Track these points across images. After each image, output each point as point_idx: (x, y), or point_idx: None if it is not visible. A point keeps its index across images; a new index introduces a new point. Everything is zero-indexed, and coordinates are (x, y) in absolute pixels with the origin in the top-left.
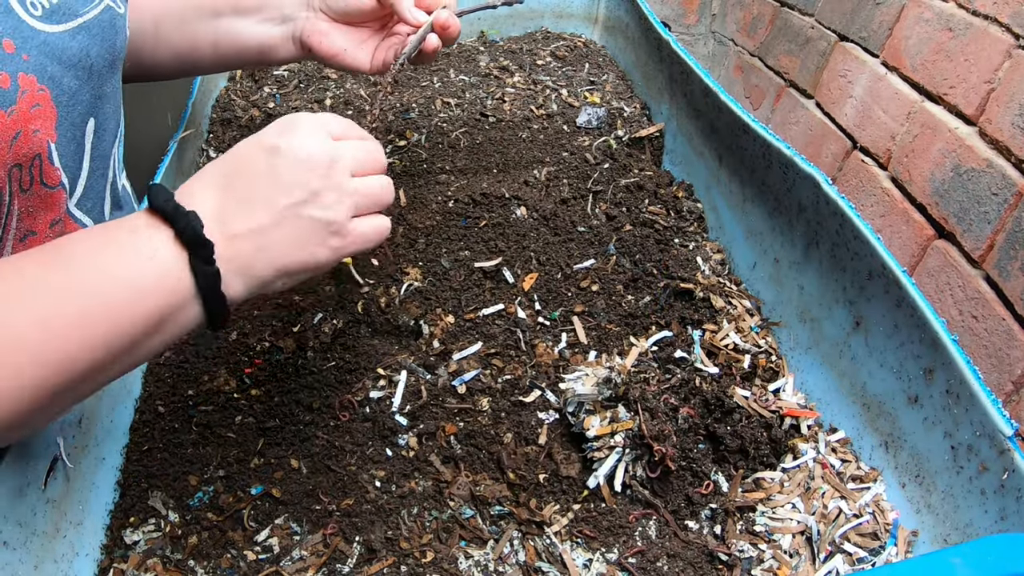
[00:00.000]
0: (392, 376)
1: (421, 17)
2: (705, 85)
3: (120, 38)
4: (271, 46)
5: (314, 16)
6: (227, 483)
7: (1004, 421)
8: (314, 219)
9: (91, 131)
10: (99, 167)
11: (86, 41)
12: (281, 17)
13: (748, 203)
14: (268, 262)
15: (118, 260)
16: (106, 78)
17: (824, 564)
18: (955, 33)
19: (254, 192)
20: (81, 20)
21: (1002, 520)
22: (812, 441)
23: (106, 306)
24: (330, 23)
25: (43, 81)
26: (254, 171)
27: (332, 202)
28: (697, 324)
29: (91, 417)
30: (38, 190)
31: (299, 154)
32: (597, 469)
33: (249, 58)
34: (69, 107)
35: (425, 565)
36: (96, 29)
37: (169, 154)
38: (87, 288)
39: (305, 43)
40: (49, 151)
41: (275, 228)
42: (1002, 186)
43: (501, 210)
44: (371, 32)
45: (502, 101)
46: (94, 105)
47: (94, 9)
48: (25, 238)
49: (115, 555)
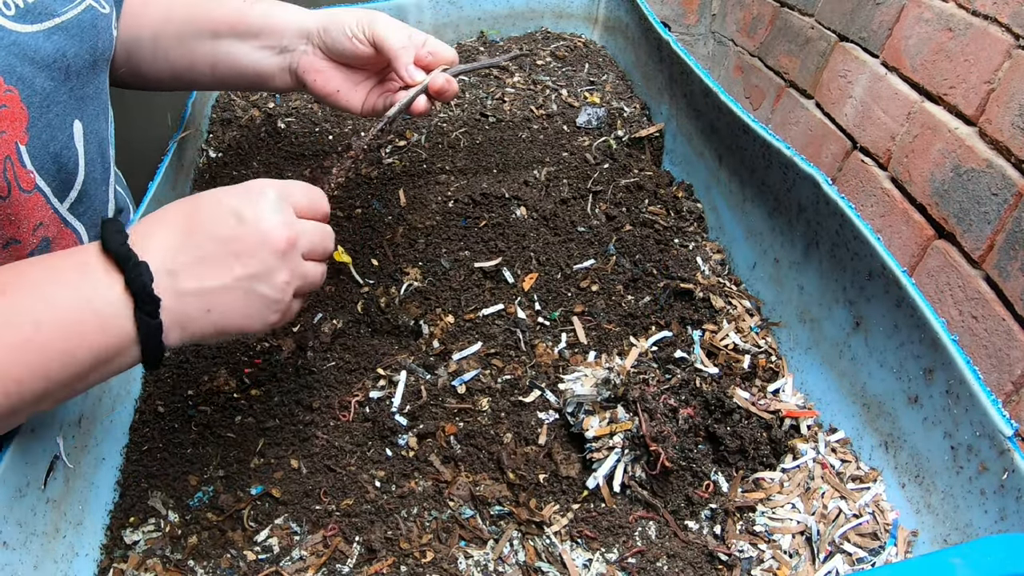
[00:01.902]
0: (392, 376)
1: (418, 77)
2: (705, 85)
3: (103, 39)
4: (268, 74)
5: (312, 52)
6: (227, 483)
7: (1004, 421)
8: (262, 295)
9: (80, 133)
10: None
11: (63, 41)
12: (280, 47)
13: (748, 203)
14: (210, 322)
15: (65, 296)
16: (88, 79)
17: (824, 564)
18: (955, 33)
19: (211, 254)
20: (58, 20)
21: (1002, 520)
22: (812, 441)
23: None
24: (328, 62)
25: (11, 82)
26: (215, 233)
27: (281, 283)
28: (697, 324)
29: (91, 417)
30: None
31: (261, 228)
32: (597, 469)
33: (247, 83)
34: (43, 108)
35: (425, 565)
36: (75, 29)
37: (169, 154)
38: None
39: (301, 78)
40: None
41: (224, 293)
42: (1002, 186)
43: (501, 210)
44: (367, 75)
45: (502, 101)
46: (76, 107)
47: (74, 9)
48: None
49: (115, 555)
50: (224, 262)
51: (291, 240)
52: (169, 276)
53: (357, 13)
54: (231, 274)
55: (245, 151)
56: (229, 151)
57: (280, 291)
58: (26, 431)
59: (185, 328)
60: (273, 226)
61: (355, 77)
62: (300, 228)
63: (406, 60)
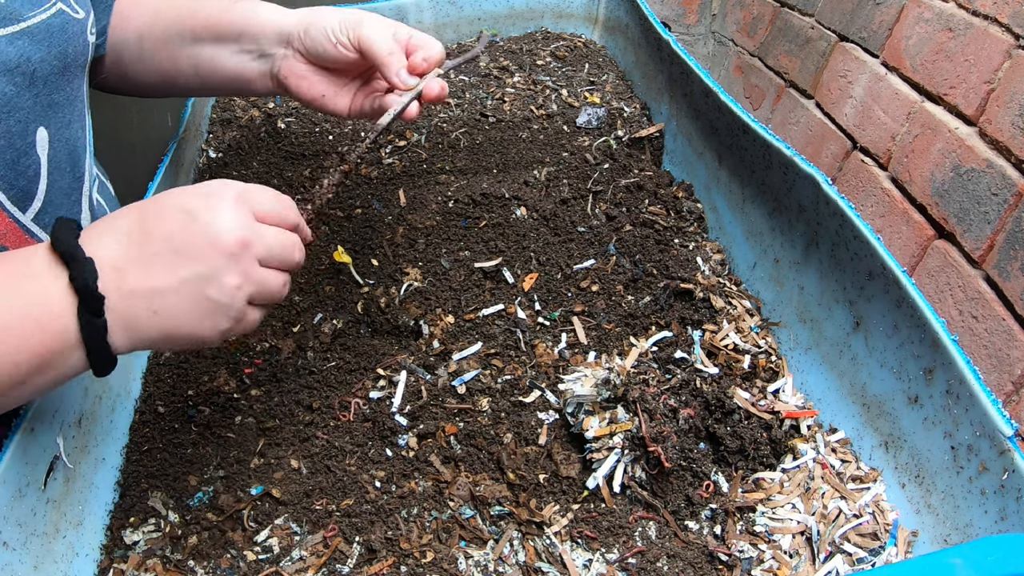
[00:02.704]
0: (392, 376)
1: (410, 82)
2: (705, 85)
3: (74, 44)
4: (249, 79)
5: (292, 56)
6: (227, 483)
7: (1004, 421)
8: (210, 298)
9: (44, 141)
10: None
11: (27, 47)
12: (258, 51)
13: (748, 203)
14: (156, 325)
15: (8, 293)
16: (56, 85)
17: (824, 564)
18: (955, 33)
19: (159, 253)
20: (24, 25)
21: (1002, 520)
22: (812, 441)
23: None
24: (309, 66)
25: None
26: (166, 230)
27: (230, 287)
28: (697, 324)
29: (91, 417)
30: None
31: (212, 228)
32: (597, 470)
33: (230, 87)
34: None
35: (425, 565)
36: (42, 35)
37: (169, 154)
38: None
39: (284, 84)
40: None
41: (171, 294)
42: (1002, 186)
43: (501, 210)
44: (353, 77)
45: (502, 101)
46: (42, 114)
47: (42, 14)
48: None
49: (115, 555)
50: (171, 261)
51: (242, 242)
52: (116, 273)
53: (340, 14)
54: (177, 275)
55: (245, 151)
56: (229, 151)
57: (229, 295)
58: (26, 431)
59: (130, 330)
60: (224, 227)
61: (340, 80)
62: (257, 232)
63: (397, 66)
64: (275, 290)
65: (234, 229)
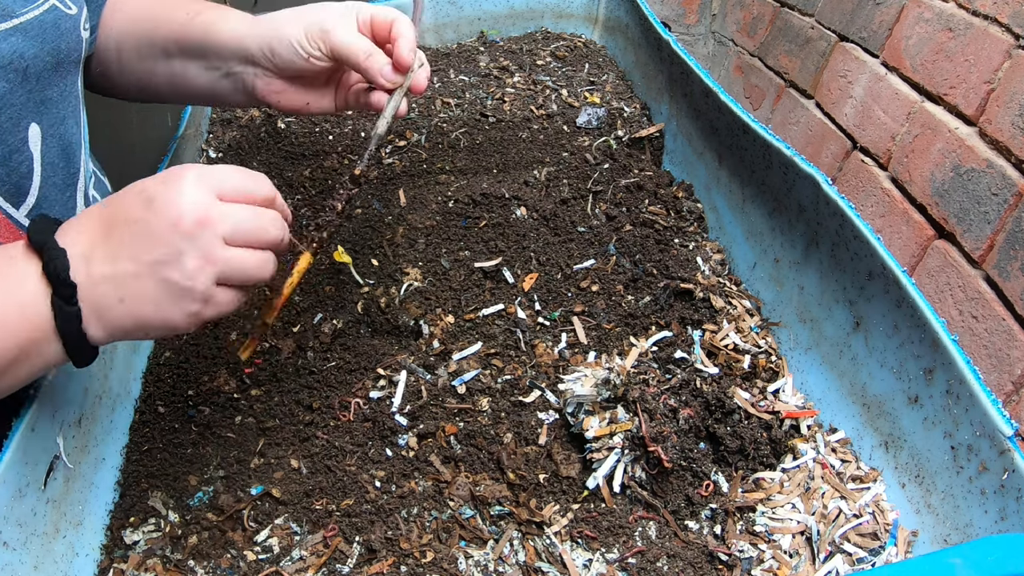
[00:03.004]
0: (392, 376)
1: (395, 79)
2: (705, 85)
3: (67, 40)
4: (222, 94)
5: (262, 73)
6: (227, 483)
7: (1004, 421)
8: (171, 282)
9: (36, 137)
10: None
11: (20, 43)
12: (225, 70)
13: (748, 203)
14: (126, 312)
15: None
16: (49, 81)
17: (824, 564)
18: (955, 33)
19: (123, 240)
20: (17, 21)
21: (1002, 520)
22: (812, 441)
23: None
24: (284, 81)
25: None
26: (128, 217)
27: (193, 269)
28: (697, 324)
29: (91, 417)
30: None
31: (169, 210)
32: (597, 470)
33: (206, 100)
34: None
35: (425, 565)
36: (35, 31)
37: (169, 154)
38: None
39: (262, 100)
40: None
41: (135, 280)
42: (1002, 186)
43: (501, 210)
44: (326, 79)
45: (502, 101)
46: (35, 109)
47: (35, 10)
48: None
49: (115, 555)
50: (133, 246)
51: (201, 220)
52: (84, 261)
53: (302, 22)
54: (140, 260)
55: (245, 151)
56: (229, 151)
57: (190, 277)
58: (26, 431)
59: (103, 319)
60: (182, 207)
61: (315, 84)
62: (218, 211)
63: (378, 67)
64: (248, 268)
65: (191, 209)
